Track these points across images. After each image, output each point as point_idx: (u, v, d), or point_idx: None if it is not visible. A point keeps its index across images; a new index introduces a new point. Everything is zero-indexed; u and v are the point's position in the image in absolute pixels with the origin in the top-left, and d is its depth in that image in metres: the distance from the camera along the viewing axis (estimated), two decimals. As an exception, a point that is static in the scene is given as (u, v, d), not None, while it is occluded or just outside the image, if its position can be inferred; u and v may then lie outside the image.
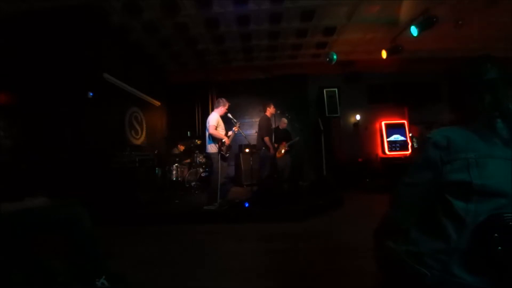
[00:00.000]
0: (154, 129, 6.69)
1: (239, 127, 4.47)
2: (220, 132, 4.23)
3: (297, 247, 2.81)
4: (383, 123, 7.64)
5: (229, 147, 4.32)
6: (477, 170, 0.74)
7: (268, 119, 5.31)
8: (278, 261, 2.48)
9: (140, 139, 5.88)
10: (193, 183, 5.97)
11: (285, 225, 3.54)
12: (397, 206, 0.94)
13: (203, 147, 5.32)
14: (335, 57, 6.21)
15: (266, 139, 5.15)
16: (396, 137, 7.53)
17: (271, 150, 5.17)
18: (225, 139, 4.20)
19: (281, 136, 5.67)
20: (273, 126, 5.76)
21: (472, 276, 0.74)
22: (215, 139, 4.18)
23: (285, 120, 5.85)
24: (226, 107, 4.36)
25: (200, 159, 6.19)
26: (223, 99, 4.41)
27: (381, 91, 7.71)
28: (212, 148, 4.20)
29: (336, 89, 6.96)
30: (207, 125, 4.22)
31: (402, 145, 7.49)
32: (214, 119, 4.20)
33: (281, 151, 5.62)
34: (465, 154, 0.77)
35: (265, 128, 5.20)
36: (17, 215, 1.67)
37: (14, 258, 1.62)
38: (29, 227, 1.69)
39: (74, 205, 1.89)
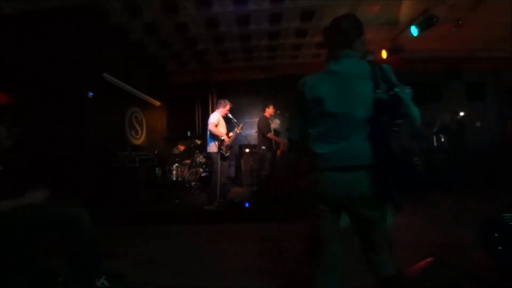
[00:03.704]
0: (154, 129, 6.69)
1: (241, 128, 4.48)
2: (221, 130, 4.24)
3: (297, 247, 2.81)
4: (383, 123, 7.63)
5: (229, 147, 4.33)
6: (314, 88, 1.33)
7: (266, 119, 5.39)
8: (278, 261, 2.48)
9: (140, 139, 5.88)
10: (193, 183, 5.97)
11: (285, 225, 3.54)
12: (293, 131, 1.46)
13: (203, 147, 5.32)
14: (335, 57, 6.19)
15: (270, 135, 5.30)
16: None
17: (281, 143, 5.37)
18: (224, 137, 4.20)
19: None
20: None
21: (321, 147, 1.27)
22: (215, 137, 4.19)
23: (277, 121, 5.92)
24: (227, 108, 4.38)
25: (200, 159, 6.19)
26: (226, 100, 4.42)
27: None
28: (212, 147, 4.21)
29: (336, 89, 6.95)
30: (208, 122, 4.24)
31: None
32: (215, 118, 4.23)
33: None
34: (311, 83, 1.36)
35: (265, 126, 5.28)
36: (17, 214, 1.68)
37: (14, 258, 1.62)
38: (29, 227, 1.69)
39: (74, 205, 1.90)
